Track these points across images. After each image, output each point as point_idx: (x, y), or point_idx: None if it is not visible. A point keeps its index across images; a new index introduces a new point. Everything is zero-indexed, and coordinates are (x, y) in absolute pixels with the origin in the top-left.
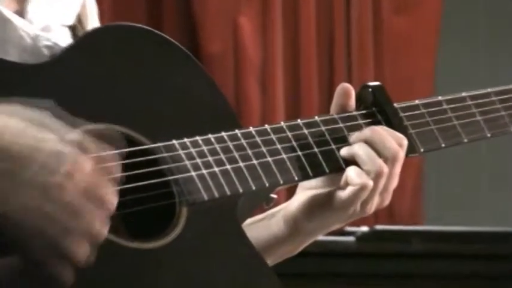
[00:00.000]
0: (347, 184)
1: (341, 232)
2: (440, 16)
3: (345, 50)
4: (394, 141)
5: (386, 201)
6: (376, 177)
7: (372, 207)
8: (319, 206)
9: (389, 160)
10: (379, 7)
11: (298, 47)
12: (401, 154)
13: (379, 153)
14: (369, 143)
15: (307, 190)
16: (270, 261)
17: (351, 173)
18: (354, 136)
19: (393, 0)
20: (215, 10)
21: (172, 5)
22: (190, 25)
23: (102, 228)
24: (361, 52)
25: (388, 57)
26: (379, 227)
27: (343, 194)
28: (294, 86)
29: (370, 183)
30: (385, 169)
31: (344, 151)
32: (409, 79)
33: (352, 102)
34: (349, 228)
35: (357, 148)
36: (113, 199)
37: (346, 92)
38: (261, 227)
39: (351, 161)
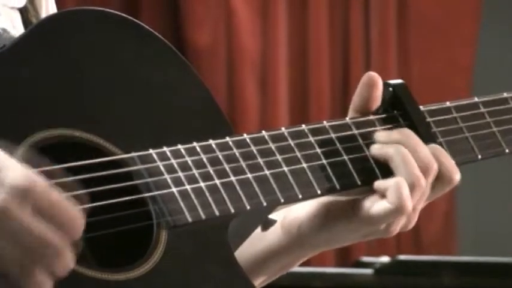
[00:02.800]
0: (381, 196)
1: (356, 263)
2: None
3: (362, 40)
4: (428, 149)
5: (413, 223)
6: (411, 189)
7: (397, 228)
8: (336, 215)
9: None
10: None
11: (306, 35)
12: (435, 166)
13: None
14: None
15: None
16: (266, 276)
17: (393, 188)
18: (382, 135)
19: None
20: None
21: None
22: (173, 10)
23: (66, 259)
24: (383, 42)
25: (415, 49)
26: (402, 257)
27: (373, 209)
28: (300, 84)
29: (410, 206)
30: (423, 182)
31: (376, 149)
32: (441, 76)
33: (379, 95)
34: (365, 259)
35: (392, 150)
36: (79, 220)
37: (372, 82)
38: (255, 237)
39: (382, 164)
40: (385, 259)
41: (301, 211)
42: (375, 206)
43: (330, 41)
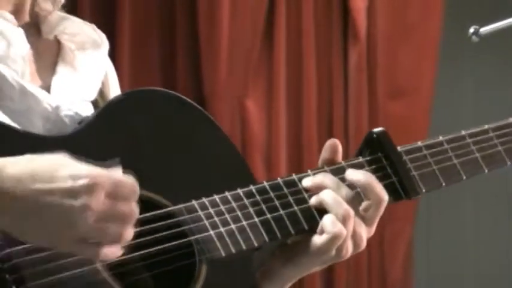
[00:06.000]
0: (323, 231)
1: None
2: (431, 99)
3: (343, 134)
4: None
5: (362, 246)
6: (344, 220)
7: (348, 252)
8: (295, 252)
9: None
10: (375, 92)
11: (301, 127)
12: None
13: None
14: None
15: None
16: None
17: (326, 221)
18: (309, 185)
19: (388, 85)
20: (224, 94)
21: (185, 89)
22: (202, 107)
23: (134, 215)
24: (358, 135)
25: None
26: None
27: (318, 240)
28: (296, 164)
29: (344, 231)
30: (351, 212)
31: (313, 200)
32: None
33: (339, 157)
34: None
35: (322, 195)
36: (136, 187)
37: (333, 147)
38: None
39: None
40: None
41: (271, 255)
42: (319, 239)
43: (318, 131)
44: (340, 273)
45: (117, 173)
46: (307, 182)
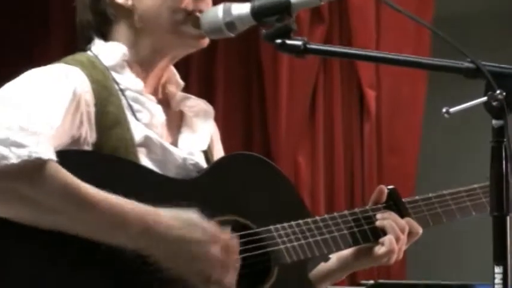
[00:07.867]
0: (383, 245)
1: (357, 284)
2: (417, 155)
3: (360, 178)
4: (402, 220)
5: (400, 257)
6: (397, 241)
7: (393, 260)
8: (363, 253)
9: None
10: (381, 150)
11: (333, 175)
12: (407, 228)
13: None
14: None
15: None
16: (325, 285)
17: (388, 239)
18: (380, 215)
19: (389, 145)
20: (283, 153)
21: (260, 150)
22: None
23: (235, 274)
24: (370, 179)
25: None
26: (380, 281)
27: (379, 250)
28: (330, 199)
29: (396, 248)
30: (402, 236)
31: (378, 222)
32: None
33: (384, 198)
34: (362, 282)
35: (385, 222)
36: (237, 261)
37: (382, 191)
38: (322, 265)
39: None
40: (370, 282)
41: (347, 251)
42: (379, 250)
43: (344, 177)
44: None
45: (228, 235)
46: (379, 215)
